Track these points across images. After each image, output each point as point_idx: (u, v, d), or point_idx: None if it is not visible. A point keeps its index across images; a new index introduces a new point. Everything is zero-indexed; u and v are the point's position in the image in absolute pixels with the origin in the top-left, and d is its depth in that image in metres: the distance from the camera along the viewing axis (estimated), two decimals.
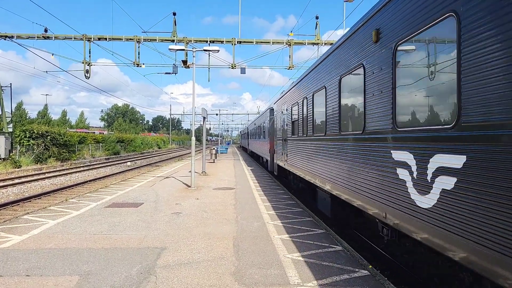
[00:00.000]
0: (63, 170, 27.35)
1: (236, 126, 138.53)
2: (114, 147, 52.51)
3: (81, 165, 32.64)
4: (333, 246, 7.14)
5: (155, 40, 26.49)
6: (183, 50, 20.55)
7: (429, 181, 4.14)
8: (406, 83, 5.02)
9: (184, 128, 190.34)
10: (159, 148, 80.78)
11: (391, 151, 5.20)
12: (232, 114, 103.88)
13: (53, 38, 25.82)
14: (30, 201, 14.18)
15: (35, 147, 31.55)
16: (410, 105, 5.00)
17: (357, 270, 5.85)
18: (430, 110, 4.55)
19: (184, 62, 25.74)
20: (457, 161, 3.66)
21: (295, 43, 26.63)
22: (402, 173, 4.83)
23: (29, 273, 5.61)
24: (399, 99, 5.11)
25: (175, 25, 26.40)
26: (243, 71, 27.60)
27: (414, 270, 6.81)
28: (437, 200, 3.98)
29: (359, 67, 6.50)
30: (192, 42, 26.34)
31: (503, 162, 3.09)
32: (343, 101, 7.67)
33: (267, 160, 24.07)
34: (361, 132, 6.38)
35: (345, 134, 7.41)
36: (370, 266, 6.05)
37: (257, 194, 13.82)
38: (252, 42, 27.09)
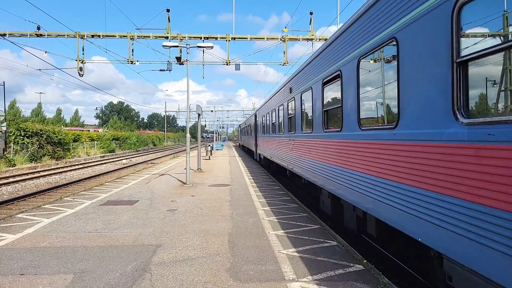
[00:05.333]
0: (58, 168, 27.21)
1: (232, 123, 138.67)
2: (109, 145, 52.30)
3: (76, 163, 32.48)
4: (328, 241, 7.17)
5: (149, 37, 26.36)
6: (177, 46, 20.44)
7: None
8: None
9: (179, 125, 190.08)
10: (155, 145, 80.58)
11: None
12: (227, 110, 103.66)
13: (46, 36, 25.61)
14: (24, 199, 14.10)
15: (30, 145, 31.34)
16: None
17: (352, 265, 5.88)
18: None
19: (178, 59, 25.63)
20: None
21: (289, 39, 26.58)
22: None
23: (23, 272, 5.59)
24: None
25: (169, 22, 26.28)
26: (237, 67, 27.55)
27: (409, 264, 6.84)
28: None
29: None
30: (186, 38, 26.23)
31: None
32: None
33: None
34: None
35: None
36: (365, 261, 6.08)
37: (252, 190, 13.82)
38: (246, 38, 27.00)
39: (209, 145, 33.93)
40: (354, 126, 6.42)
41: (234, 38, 26.65)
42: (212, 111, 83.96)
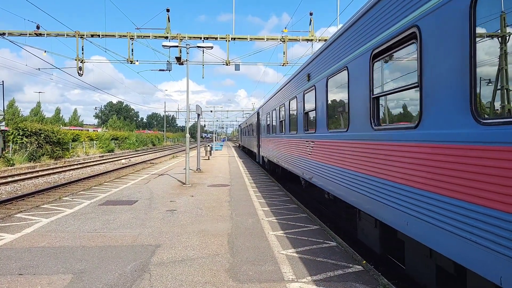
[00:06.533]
0: (57, 168, 27.17)
1: (231, 123, 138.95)
2: (108, 144, 52.25)
3: (75, 163, 32.45)
4: (327, 242, 7.17)
5: (149, 37, 26.32)
6: (177, 46, 20.46)
7: None
8: None
9: (178, 125, 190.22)
10: (154, 145, 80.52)
11: None
12: (227, 111, 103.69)
13: (45, 35, 25.56)
14: (23, 199, 14.08)
15: (28, 145, 31.30)
16: None
17: (351, 265, 5.87)
18: None
19: (178, 59, 25.62)
20: None
21: (289, 39, 26.58)
22: None
23: (22, 272, 5.57)
24: None
25: (169, 21, 26.25)
26: (237, 67, 27.54)
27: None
28: None
29: None
30: (186, 39, 26.21)
31: None
32: None
33: None
34: None
35: None
36: (364, 262, 6.07)
37: (251, 190, 13.81)
38: (246, 38, 26.99)
39: (208, 145, 33.91)
40: (458, 119, 3.60)
41: (234, 39, 26.64)
42: (211, 111, 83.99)
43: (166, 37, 25.91)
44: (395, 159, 4.86)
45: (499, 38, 3.39)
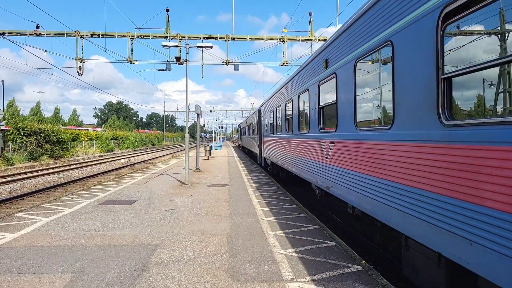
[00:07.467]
0: (56, 167, 27.16)
1: (230, 123, 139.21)
2: (108, 144, 52.27)
3: (74, 162, 32.44)
4: (326, 241, 7.19)
5: (148, 36, 26.33)
6: (176, 46, 20.46)
7: None
8: None
9: (178, 125, 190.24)
10: (153, 145, 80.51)
11: None
12: (226, 110, 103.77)
13: (45, 35, 25.56)
14: (23, 198, 14.08)
15: (28, 144, 31.29)
16: None
17: (350, 265, 5.89)
18: None
19: (178, 58, 25.63)
20: None
21: (288, 39, 26.59)
22: None
23: (22, 271, 5.58)
24: None
25: (168, 21, 26.26)
26: (236, 67, 27.55)
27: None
28: None
29: None
30: (186, 38, 26.22)
31: None
32: None
33: None
34: None
35: None
36: (363, 262, 6.09)
37: (251, 190, 13.83)
38: (245, 38, 27.00)
39: (207, 145, 33.93)
40: None
41: (234, 38, 26.65)
42: (211, 111, 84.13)
43: (166, 37, 25.92)
44: (500, 173, 3.00)
45: None
